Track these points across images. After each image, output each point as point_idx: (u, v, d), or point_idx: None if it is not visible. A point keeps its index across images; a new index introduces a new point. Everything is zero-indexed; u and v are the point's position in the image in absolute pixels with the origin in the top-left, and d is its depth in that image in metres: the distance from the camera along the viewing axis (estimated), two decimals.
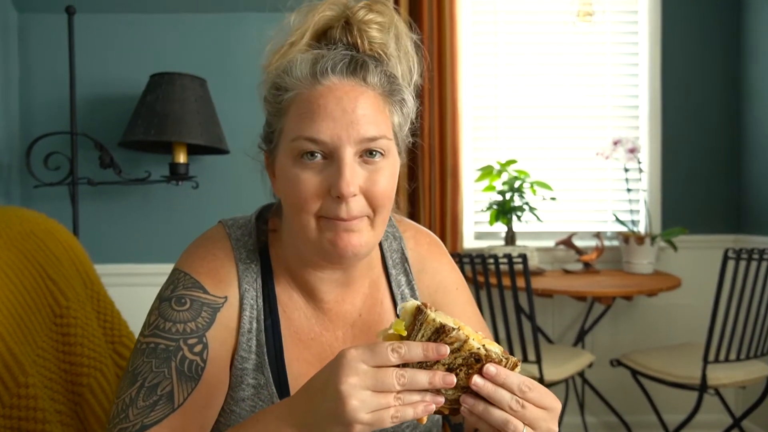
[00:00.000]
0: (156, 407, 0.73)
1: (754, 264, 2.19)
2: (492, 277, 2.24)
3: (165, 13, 2.56)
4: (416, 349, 0.61)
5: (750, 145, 2.84)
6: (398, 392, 0.61)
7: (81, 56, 2.46)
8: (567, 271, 2.74)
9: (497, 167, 2.75)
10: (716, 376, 2.18)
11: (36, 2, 2.47)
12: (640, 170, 2.85)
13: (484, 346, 0.64)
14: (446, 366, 0.63)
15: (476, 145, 2.95)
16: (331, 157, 0.75)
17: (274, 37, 0.83)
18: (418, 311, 0.64)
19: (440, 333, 0.63)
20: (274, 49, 0.82)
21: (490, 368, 0.63)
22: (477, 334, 0.66)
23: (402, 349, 0.60)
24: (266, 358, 0.82)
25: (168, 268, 2.90)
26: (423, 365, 0.63)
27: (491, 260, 2.17)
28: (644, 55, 2.94)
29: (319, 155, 0.75)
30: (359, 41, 0.80)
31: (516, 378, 0.64)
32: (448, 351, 0.62)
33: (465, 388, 0.64)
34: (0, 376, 0.85)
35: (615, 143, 2.74)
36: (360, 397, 0.59)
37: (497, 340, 2.26)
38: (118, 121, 2.49)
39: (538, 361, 2.18)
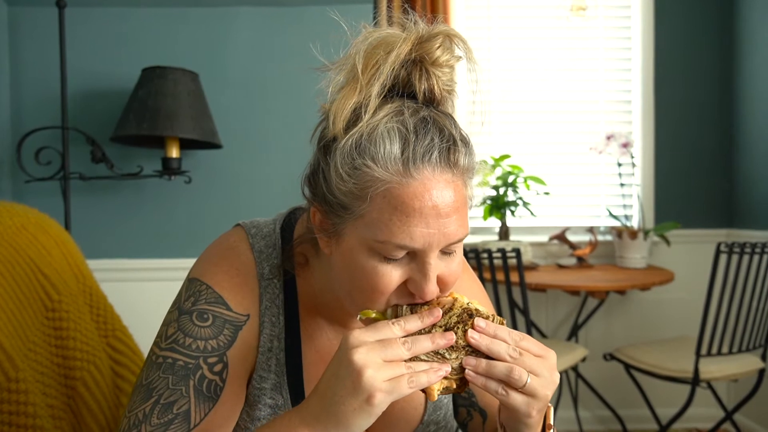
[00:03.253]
0: (171, 426, 0.71)
1: (746, 258, 2.20)
2: (486, 272, 2.24)
3: (157, 7, 2.54)
4: (413, 319, 0.66)
5: (742, 140, 2.85)
6: (408, 361, 0.64)
7: (72, 50, 2.44)
8: (560, 266, 2.75)
9: (491, 162, 2.75)
10: (709, 369, 2.19)
11: None
12: (633, 165, 2.86)
13: (471, 302, 0.70)
14: (443, 328, 0.68)
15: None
16: (414, 255, 0.69)
17: (334, 68, 0.72)
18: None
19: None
20: (336, 89, 0.72)
21: (480, 322, 0.68)
22: (464, 297, 0.71)
23: (401, 321, 0.65)
24: (285, 378, 0.81)
25: (161, 263, 2.90)
26: (421, 334, 0.67)
27: (485, 255, 2.17)
28: (637, 50, 2.95)
29: (402, 255, 0.69)
30: (435, 87, 0.72)
31: (505, 329, 0.69)
32: (441, 313, 0.67)
33: (465, 347, 0.68)
34: None
35: (608, 138, 2.75)
36: (374, 365, 0.61)
37: None
38: (109, 115, 2.48)
39: None
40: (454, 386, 0.67)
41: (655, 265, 2.80)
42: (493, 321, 0.69)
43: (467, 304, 0.68)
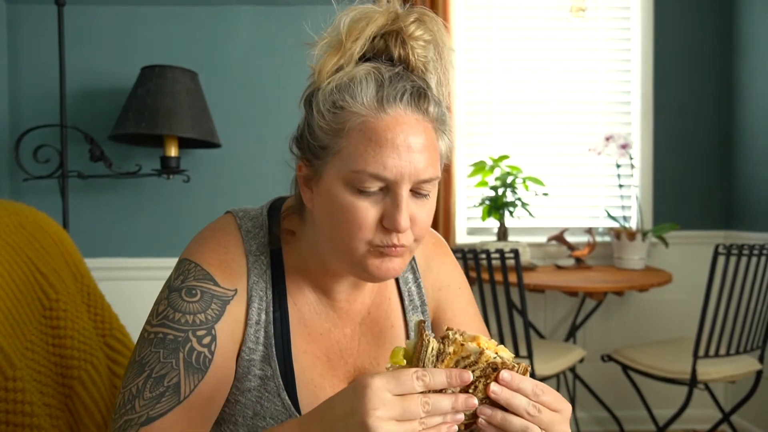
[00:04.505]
0: (162, 399, 0.74)
1: (743, 260, 2.20)
2: (484, 273, 2.24)
3: (156, 5, 2.54)
4: (440, 377, 0.62)
5: (740, 142, 2.85)
6: (422, 417, 0.62)
7: (71, 48, 2.44)
8: (559, 267, 2.75)
9: (490, 163, 2.75)
10: (706, 370, 2.19)
11: None
12: (632, 166, 2.86)
13: (497, 353, 0.65)
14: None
15: (469, 141, 2.95)
16: (387, 190, 0.75)
17: (324, 37, 0.81)
18: (420, 325, 0.66)
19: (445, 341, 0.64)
20: (323, 52, 0.80)
21: (504, 374, 0.64)
22: (490, 341, 0.66)
23: (426, 377, 0.61)
24: (273, 349, 0.83)
25: (159, 262, 2.90)
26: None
27: (483, 255, 2.17)
28: (636, 51, 2.95)
29: (376, 188, 0.75)
30: (410, 56, 0.80)
31: (529, 382, 0.66)
32: (472, 377, 0.63)
33: (481, 400, 0.65)
34: None
35: (607, 139, 2.75)
36: (387, 428, 0.59)
37: (490, 335, 2.26)
38: (108, 113, 2.47)
39: (530, 356, 2.19)
40: (463, 428, 0.66)
41: (653, 267, 2.81)
42: (518, 369, 0.66)
43: (493, 358, 0.64)
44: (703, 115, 2.94)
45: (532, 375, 2.19)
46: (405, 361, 0.65)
